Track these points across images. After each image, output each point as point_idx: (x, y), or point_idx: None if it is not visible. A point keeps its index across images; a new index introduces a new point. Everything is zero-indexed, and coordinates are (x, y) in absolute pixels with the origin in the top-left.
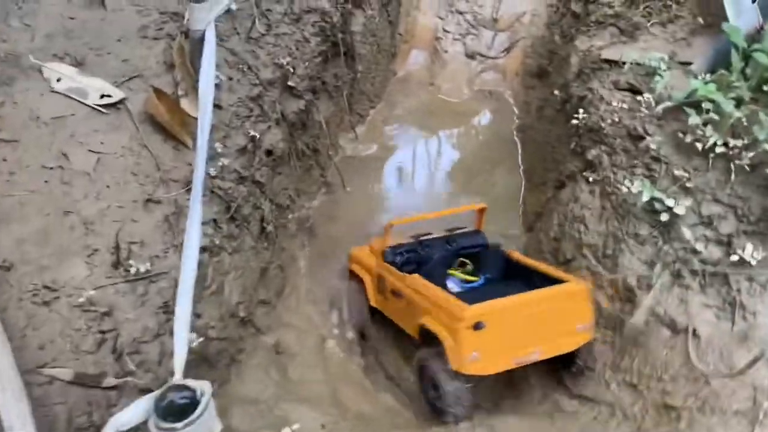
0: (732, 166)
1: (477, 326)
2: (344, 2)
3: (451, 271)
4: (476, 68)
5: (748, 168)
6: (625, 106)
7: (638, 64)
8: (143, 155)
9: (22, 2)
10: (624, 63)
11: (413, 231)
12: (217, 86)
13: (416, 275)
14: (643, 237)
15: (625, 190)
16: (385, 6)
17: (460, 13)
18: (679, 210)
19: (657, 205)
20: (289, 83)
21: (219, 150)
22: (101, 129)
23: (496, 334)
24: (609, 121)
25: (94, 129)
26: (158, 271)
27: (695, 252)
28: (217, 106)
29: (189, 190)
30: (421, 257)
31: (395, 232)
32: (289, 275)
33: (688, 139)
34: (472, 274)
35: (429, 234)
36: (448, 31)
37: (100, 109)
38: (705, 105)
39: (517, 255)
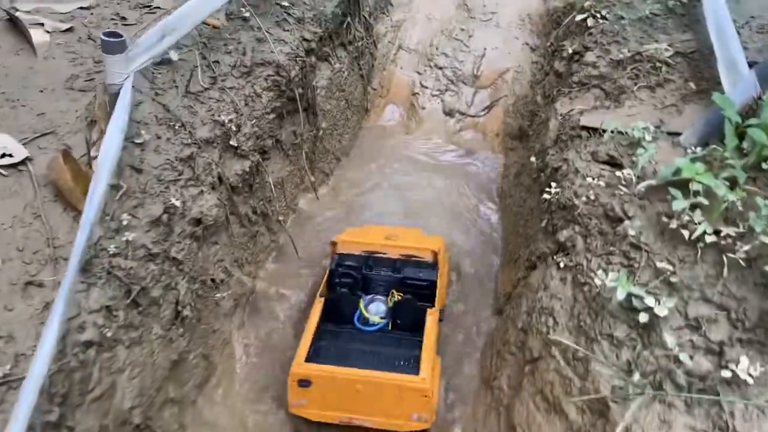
0: (724, 259)
1: (301, 383)
2: (305, 55)
3: (361, 306)
4: (455, 126)
5: (743, 262)
6: (602, 182)
7: (620, 132)
8: (35, 227)
9: None
10: (604, 131)
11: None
12: (140, 146)
13: (321, 299)
14: (619, 339)
15: (598, 282)
16: (356, 59)
17: (440, 68)
18: (661, 311)
19: (636, 303)
20: (231, 142)
21: (125, 222)
22: None
23: (321, 392)
24: (584, 198)
25: None
26: (20, 375)
27: (680, 362)
28: (135, 170)
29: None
30: (362, 274)
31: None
32: (217, 363)
33: (674, 224)
34: (391, 308)
35: (380, 252)
36: (426, 87)
37: None
38: (694, 186)
39: (431, 315)
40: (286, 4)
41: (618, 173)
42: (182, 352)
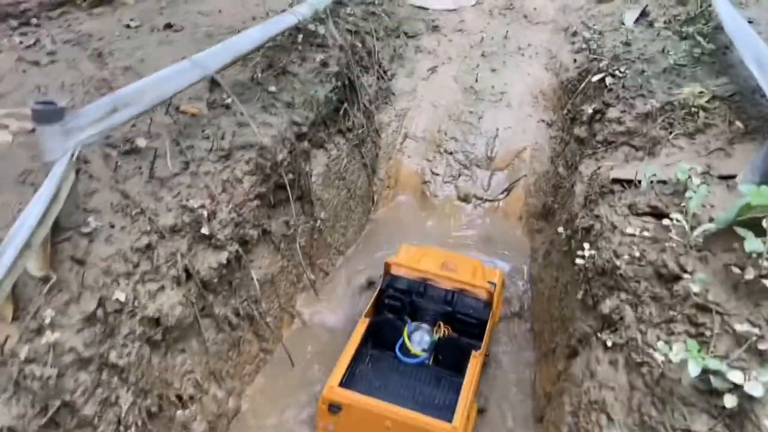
0: None
1: (331, 407)
2: (296, 139)
3: (405, 334)
4: (471, 213)
5: None
6: (647, 234)
7: (661, 182)
8: None
9: None
10: (640, 181)
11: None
12: (88, 236)
13: (365, 320)
14: None
15: (660, 358)
16: (357, 147)
17: (450, 153)
18: (754, 389)
19: (716, 382)
20: (204, 231)
21: (48, 320)
22: None
23: (350, 420)
24: (626, 256)
25: None
26: None
27: None
28: (77, 262)
29: None
30: (412, 300)
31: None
32: None
33: (750, 275)
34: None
35: (436, 280)
36: (437, 174)
37: None
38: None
39: (475, 359)
40: (273, 89)
41: (666, 222)
42: None
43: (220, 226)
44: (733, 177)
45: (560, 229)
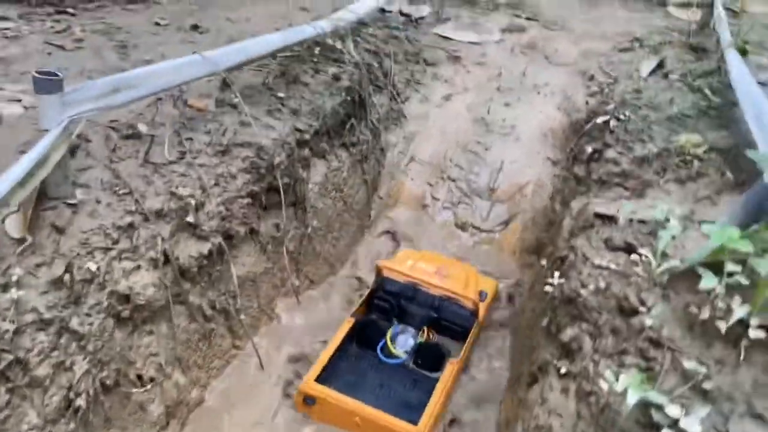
0: None
1: (306, 400)
2: (297, 145)
3: (387, 337)
4: (467, 242)
5: None
6: (615, 266)
7: (641, 221)
8: None
9: None
10: (619, 217)
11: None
12: (72, 207)
13: (351, 320)
14: None
15: (605, 387)
16: (360, 162)
17: (452, 180)
18: (690, 425)
19: (656, 415)
20: (189, 219)
21: (14, 278)
22: None
23: (324, 412)
24: (592, 287)
25: None
26: None
27: None
28: (57, 229)
29: None
30: (400, 303)
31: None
32: None
33: (705, 314)
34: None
35: (425, 283)
36: (437, 198)
37: None
38: (729, 267)
39: (451, 366)
40: (281, 95)
41: (634, 256)
42: None
43: (206, 218)
44: (711, 223)
45: (543, 261)
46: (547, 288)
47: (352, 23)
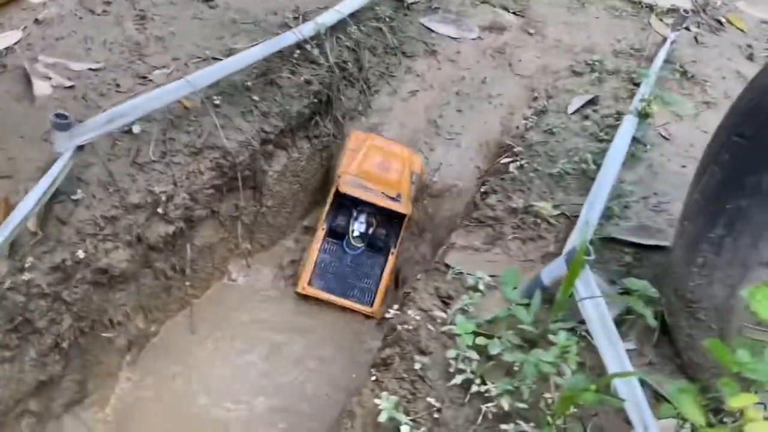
0: (483, 409)
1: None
2: (260, 145)
3: (349, 234)
4: None
5: (491, 416)
6: (432, 313)
7: (460, 274)
8: None
9: None
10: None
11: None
12: (75, 202)
13: (324, 228)
14: None
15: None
16: (320, 151)
17: None
18: None
19: (402, 430)
20: (158, 210)
21: (27, 264)
22: None
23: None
24: (409, 326)
25: None
26: None
27: None
28: (61, 221)
29: None
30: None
31: None
32: (95, 389)
33: (452, 368)
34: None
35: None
36: None
37: None
38: (473, 340)
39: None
40: (256, 98)
41: (438, 312)
42: (54, 375)
43: (173, 208)
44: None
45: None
46: (387, 315)
47: (340, 21)
